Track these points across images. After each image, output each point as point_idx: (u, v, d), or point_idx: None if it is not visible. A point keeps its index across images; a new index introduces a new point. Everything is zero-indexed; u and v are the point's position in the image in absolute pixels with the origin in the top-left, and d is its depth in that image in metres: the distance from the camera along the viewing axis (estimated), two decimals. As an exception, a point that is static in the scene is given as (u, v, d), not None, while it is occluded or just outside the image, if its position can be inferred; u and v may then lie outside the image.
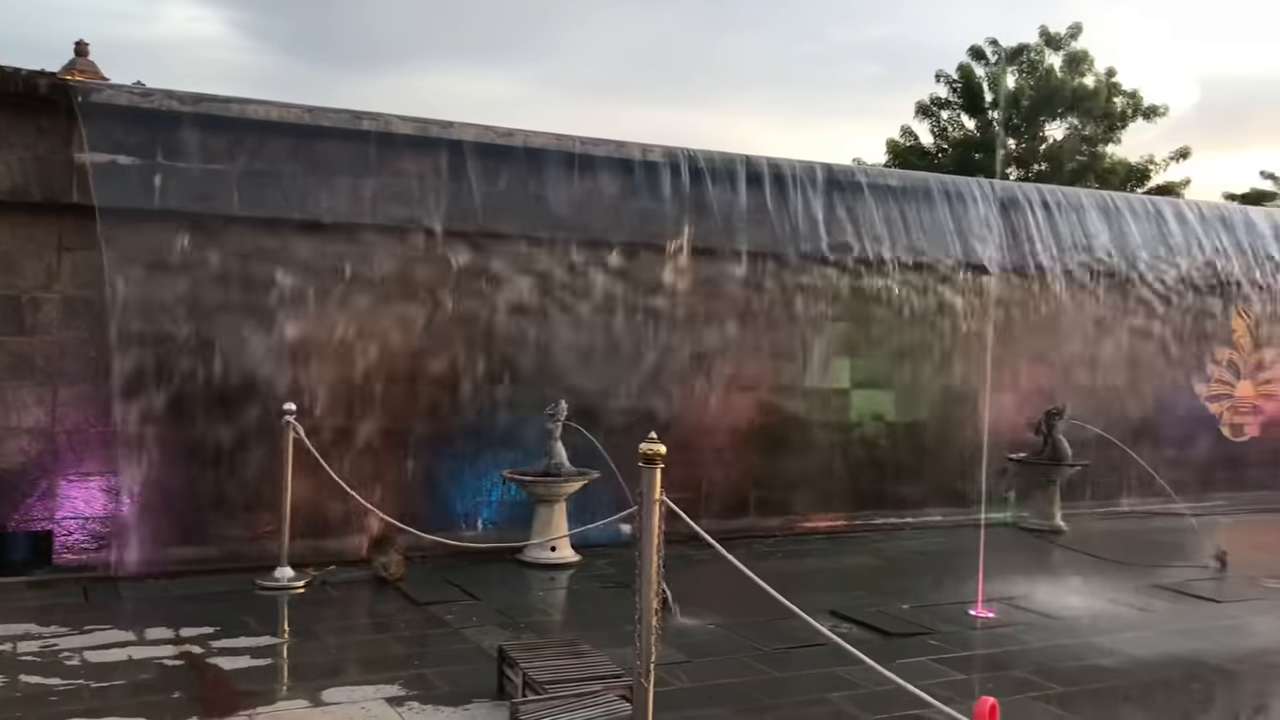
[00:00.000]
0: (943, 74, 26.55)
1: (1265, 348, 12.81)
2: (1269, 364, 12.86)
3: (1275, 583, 8.33)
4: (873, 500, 10.46)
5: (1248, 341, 12.70)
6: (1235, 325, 12.62)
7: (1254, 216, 13.32)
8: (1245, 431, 12.76)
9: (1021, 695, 5.54)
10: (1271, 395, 12.91)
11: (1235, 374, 12.63)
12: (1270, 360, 12.86)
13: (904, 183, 11.06)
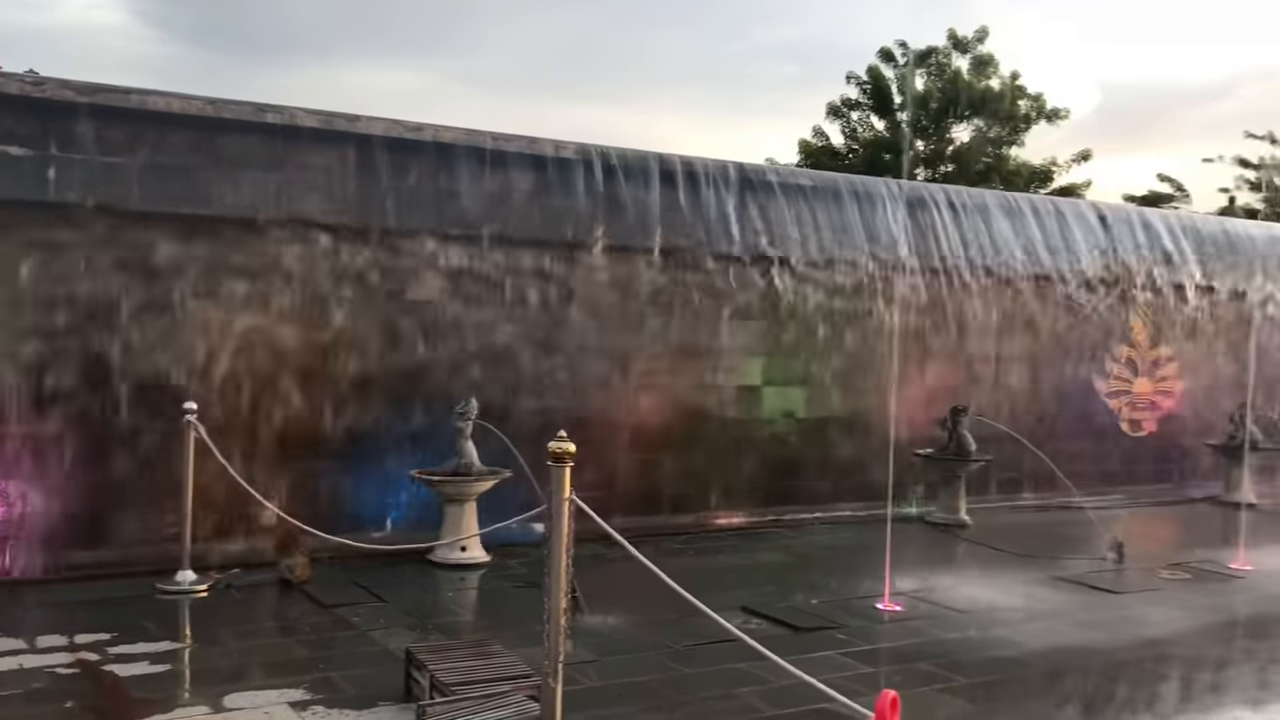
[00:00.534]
0: (853, 75, 26.91)
1: (1162, 346, 13.21)
2: (1165, 361, 13.26)
3: (1169, 573, 8.61)
4: (784, 496, 10.56)
5: (1146, 340, 13.09)
6: (1134, 324, 13.00)
7: (1151, 218, 13.74)
8: (1143, 427, 13.15)
9: (927, 688, 5.63)
10: (1168, 392, 13.31)
11: (1134, 371, 13.01)
12: (1167, 358, 13.27)
13: (814, 182, 11.20)
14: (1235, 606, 7.80)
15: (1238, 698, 5.82)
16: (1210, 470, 13.01)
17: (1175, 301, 13.29)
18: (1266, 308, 13.87)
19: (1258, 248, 14.18)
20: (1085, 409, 12.59)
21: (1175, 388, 13.35)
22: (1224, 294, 13.61)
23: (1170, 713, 5.54)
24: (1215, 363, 13.42)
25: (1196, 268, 13.44)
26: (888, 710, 3.08)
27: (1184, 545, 9.83)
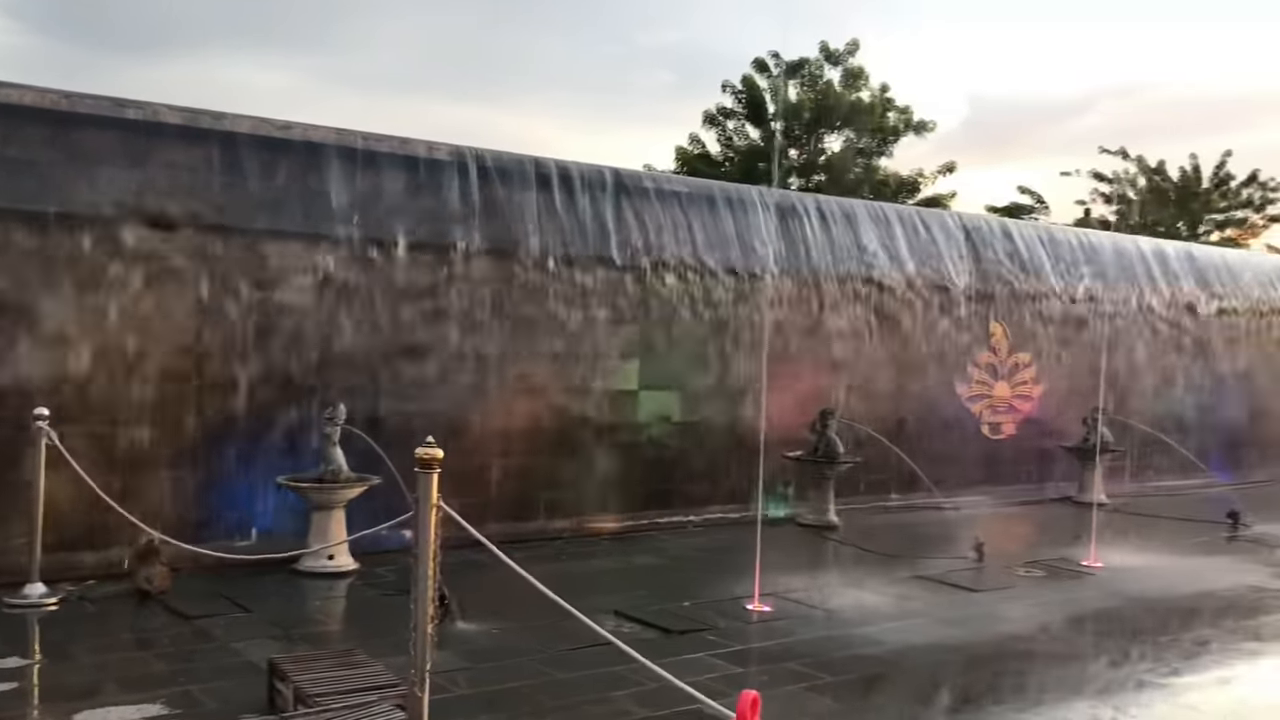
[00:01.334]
0: (728, 84, 27.29)
1: (1020, 351, 13.72)
2: (1023, 366, 13.78)
3: (1026, 571, 8.95)
4: (660, 500, 10.64)
5: (1005, 345, 13.58)
6: (994, 330, 13.47)
7: (1011, 228, 14.29)
8: (1002, 430, 13.63)
9: (794, 686, 5.74)
10: (1026, 396, 13.83)
11: (993, 375, 13.48)
12: (1024, 363, 13.78)
13: (689, 189, 11.33)
14: (1086, 602, 8.15)
15: (1089, 690, 6.08)
16: (1066, 471, 13.56)
17: (1033, 308, 13.81)
18: (1116, 315, 14.54)
19: (1109, 258, 14.85)
20: (948, 412, 12.99)
21: (1033, 392, 13.87)
22: (1078, 301, 14.22)
23: (1027, 706, 5.74)
24: (1070, 367, 13.99)
25: (1053, 276, 14.00)
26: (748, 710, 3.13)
27: (1040, 544, 10.23)
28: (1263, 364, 16.52)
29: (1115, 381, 14.08)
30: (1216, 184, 32.31)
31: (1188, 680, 6.25)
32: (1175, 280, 15.55)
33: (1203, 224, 32.31)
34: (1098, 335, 13.93)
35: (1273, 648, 7.03)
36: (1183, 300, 15.57)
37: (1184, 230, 31.13)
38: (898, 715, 5.55)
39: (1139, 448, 13.90)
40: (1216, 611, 7.93)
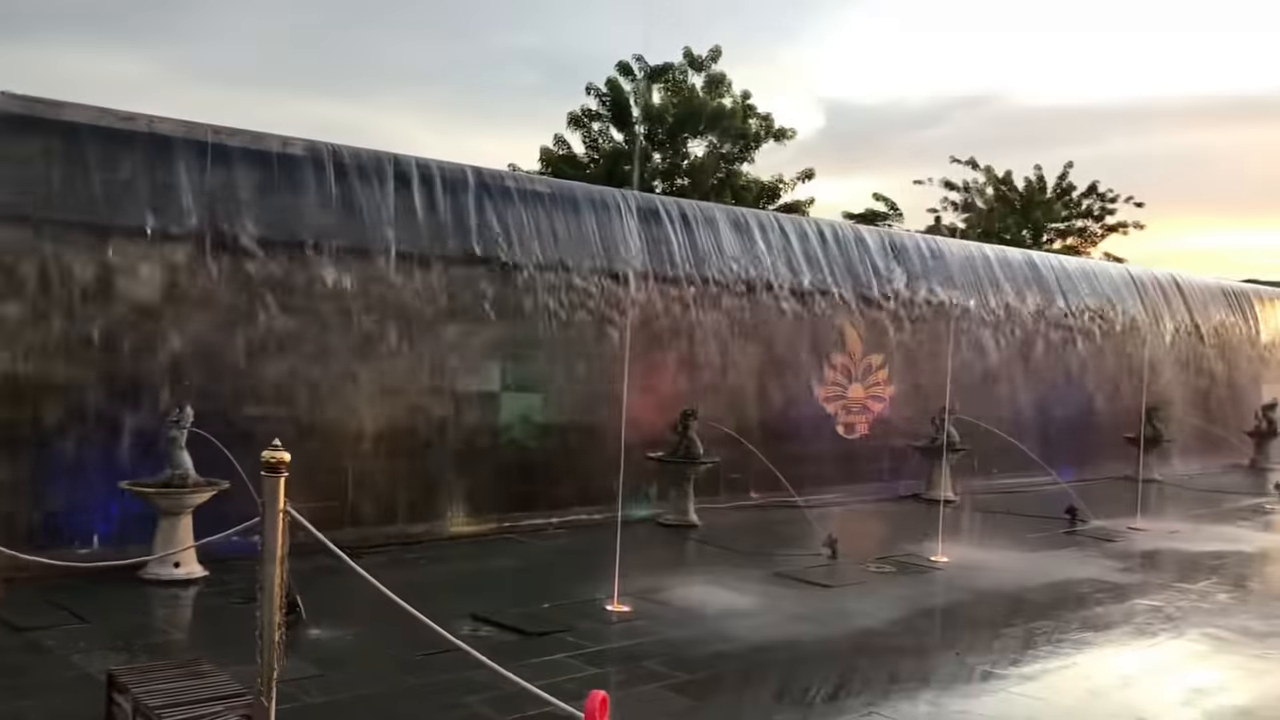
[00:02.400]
0: (593, 86, 27.32)
1: (873, 353, 14.11)
2: (876, 368, 14.18)
3: (876, 567, 9.21)
4: (522, 502, 10.58)
5: (859, 347, 13.95)
6: (848, 332, 13.83)
7: (865, 234, 14.70)
8: (857, 430, 14.00)
9: (652, 685, 5.79)
10: (879, 396, 14.24)
11: (848, 377, 13.84)
12: (877, 365, 14.19)
13: (552, 190, 11.32)
14: (934, 596, 8.45)
15: (936, 681, 6.29)
16: (917, 469, 13.99)
17: (886, 311, 14.23)
18: (963, 318, 15.09)
19: (957, 264, 15.41)
20: (805, 413, 13.28)
21: (885, 392, 14.29)
22: (928, 305, 14.70)
23: (878, 698, 5.90)
24: (920, 369, 14.44)
25: (904, 281, 14.45)
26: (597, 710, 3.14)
27: (890, 540, 10.53)
28: (1098, 367, 17.36)
29: (962, 382, 14.61)
30: (1059, 194, 33.81)
31: (1028, 670, 6.52)
32: (1019, 286, 16.23)
33: (1046, 232, 33.77)
34: (945, 338, 14.41)
35: (1106, 637, 7.39)
36: (1026, 305, 16.26)
37: (1028, 238, 32.48)
38: (754, 711, 5.65)
39: (985, 446, 14.41)
40: (1055, 603, 8.29)
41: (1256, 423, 19.16)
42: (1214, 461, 18.29)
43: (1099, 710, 5.84)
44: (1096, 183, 33.65)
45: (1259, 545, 11.37)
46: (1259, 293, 22.27)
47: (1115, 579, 9.24)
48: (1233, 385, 20.35)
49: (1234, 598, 8.77)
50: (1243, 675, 6.58)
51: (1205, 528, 12.17)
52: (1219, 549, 10.81)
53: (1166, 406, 17.20)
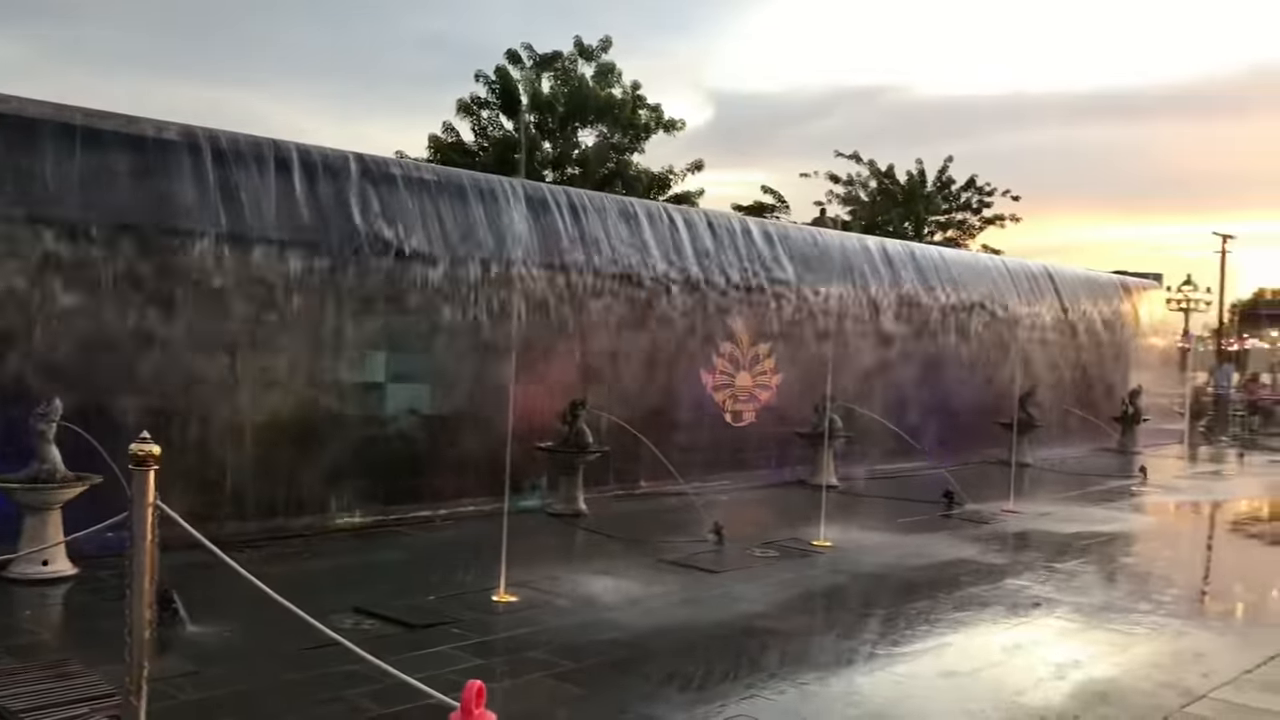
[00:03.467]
0: (482, 74, 27.13)
1: (761, 343, 14.31)
2: (764, 357, 14.38)
3: (761, 552, 9.36)
4: (408, 494, 10.47)
5: (747, 336, 14.13)
6: (736, 321, 13.99)
7: (753, 225, 14.88)
8: (744, 418, 14.19)
9: (538, 674, 5.80)
10: (766, 385, 14.45)
11: (736, 366, 14.01)
12: (764, 353, 14.39)
13: (439, 177, 11.20)
14: (816, 580, 8.62)
15: (819, 663, 6.43)
16: (802, 456, 14.24)
17: (772, 301, 14.44)
18: (846, 308, 15.40)
19: (841, 255, 15.71)
20: (694, 401, 13.41)
21: (772, 381, 14.51)
22: (813, 295, 14.96)
23: (761, 680, 6.01)
24: (806, 357, 14.68)
25: (791, 271, 14.68)
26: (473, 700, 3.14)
27: (775, 526, 10.69)
28: (975, 355, 17.90)
29: (846, 371, 14.92)
30: (939, 187, 34.77)
31: (905, 649, 6.71)
32: (900, 277, 16.62)
33: (927, 225, 34.69)
34: (829, 327, 14.71)
35: (979, 615, 7.65)
36: (906, 295, 16.66)
37: (910, 230, 33.33)
38: (639, 696, 5.69)
39: (867, 433, 14.74)
40: (931, 583, 8.55)
41: (1123, 408, 19.98)
42: (1084, 446, 19.03)
43: (972, 686, 6.04)
44: (975, 177, 34.75)
45: (1124, 526, 11.88)
46: (1127, 284, 23.20)
47: (989, 560, 9.56)
48: (1102, 373, 21.20)
49: (1100, 576, 9.15)
50: (1107, 649, 6.87)
51: (1074, 509, 12.67)
52: (1087, 530, 11.26)
53: (1039, 393, 17.84)
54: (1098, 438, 19.41)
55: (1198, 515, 13.82)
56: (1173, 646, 6.84)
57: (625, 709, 5.48)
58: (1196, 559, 10.87)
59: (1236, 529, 12.90)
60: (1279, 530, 12.44)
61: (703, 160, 28.50)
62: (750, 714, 5.45)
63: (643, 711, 5.43)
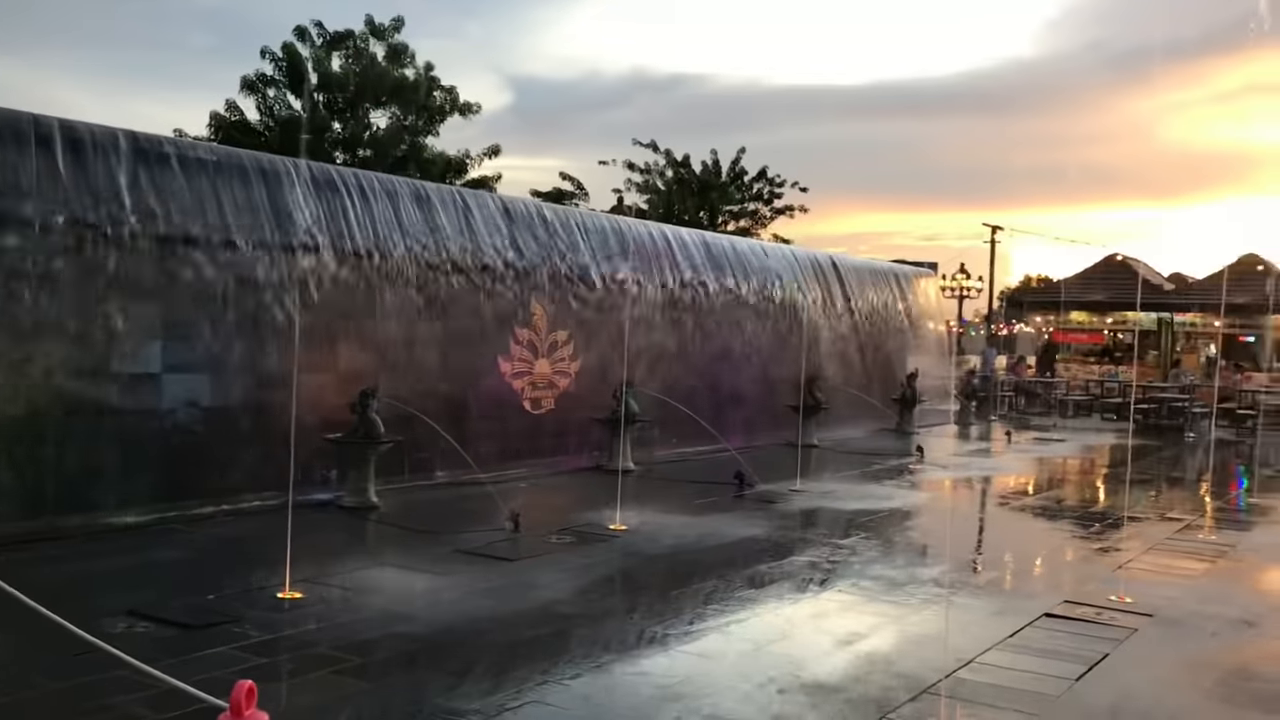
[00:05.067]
0: (268, 51, 26.04)
1: (559, 329, 14.32)
2: (562, 344, 14.40)
3: (558, 538, 9.38)
4: (189, 490, 9.96)
5: (544, 323, 14.11)
6: (534, 308, 13.95)
7: (550, 213, 14.86)
8: (543, 405, 14.17)
9: (323, 670, 5.63)
10: (565, 372, 14.47)
11: (534, 353, 13.97)
12: (563, 340, 14.41)
13: (218, 157, 10.68)
14: (612, 563, 8.71)
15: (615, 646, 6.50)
16: (600, 442, 14.34)
17: (571, 288, 14.47)
18: (643, 294, 15.60)
19: (638, 242, 15.89)
20: (492, 389, 13.30)
21: (571, 368, 14.55)
22: (610, 281, 15.07)
23: (553, 665, 6.01)
24: (604, 344, 14.79)
25: (589, 258, 14.74)
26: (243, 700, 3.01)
27: (572, 511, 10.71)
28: (767, 341, 18.45)
29: (644, 357, 15.12)
30: (733, 178, 35.61)
31: (697, 628, 6.87)
32: (695, 265, 16.95)
33: (721, 214, 35.50)
34: (626, 313, 14.85)
35: (767, 592, 7.90)
36: (701, 283, 17.01)
37: (705, 219, 34.04)
38: (430, 688, 5.60)
39: (665, 417, 14.97)
40: (722, 563, 8.77)
41: (902, 390, 21.01)
42: (866, 427, 19.91)
43: (760, 662, 6.23)
44: (766, 168, 35.73)
45: (902, 503, 12.50)
46: (906, 272, 24.40)
47: (777, 538, 9.88)
48: (883, 357, 22.23)
49: (879, 551, 9.60)
50: (886, 620, 7.21)
51: (856, 488, 13.24)
52: (868, 507, 11.79)
53: (825, 377, 18.56)
54: (879, 419, 20.34)
55: (969, 490, 14.69)
56: (944, 616, 7.23)
57: (416, 702, 5.39)
58: (968, 532, 11.54)
59: (1004, 503, 13.78)
60: (1042, 504, 13.34)
61: (500, 145, 28.29)
62: (546, 700, 5.47)
63: (435, 703, 5.35)
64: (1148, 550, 9.90)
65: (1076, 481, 16.00)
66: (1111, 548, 10.09)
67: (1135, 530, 10.89)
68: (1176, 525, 11.42)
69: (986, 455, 18.64)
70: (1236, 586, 8.64)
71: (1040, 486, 15.00)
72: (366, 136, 26.74)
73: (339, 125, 26.68)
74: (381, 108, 27.01)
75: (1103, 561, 9.52)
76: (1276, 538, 11.07)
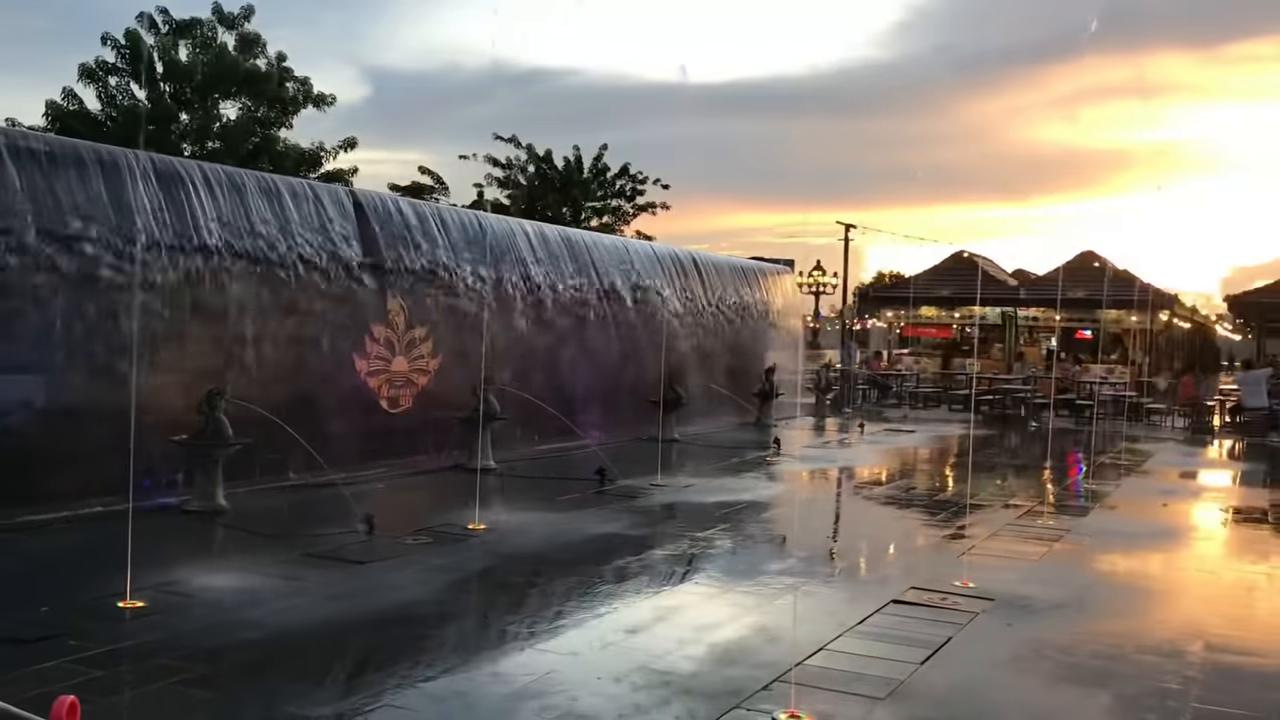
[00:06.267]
0: (110, 38, 24.94)
1: (417, 326, 14.10)
2: (420, 341, 14.19)
3: (414, 539, 9.23)
4: (21, 497, 9.45)
5: (402, 320, 13.88)
6: (391, 305, 13.71)
7: (405, 206, 14.61)
8: (401, 403, 13.94)
9: (166, 682, 5.44)
10: (423, 370, 14.26)
11: (391, 350, 13.73)
12: (422, 337, 14.20)
13: (52, 148, 10.18)
14: (470, 564, 8.63)
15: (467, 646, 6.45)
16: (460, 440, 14.17)
17: (430, 284, 14.25)
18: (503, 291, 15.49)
19: (502, 239, 15.78)
20: (347, 388, 13.00)
21: (430, 365, 14.35)
22: (472, 278, 14.90)
23: (406, 669, 5.93)
24: (464, 340, 14.60)
25: (448, 254, 14.56)
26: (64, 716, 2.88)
27: (430, 511, 10.56)
28: (629, 337, 18.54)
29: (505, 353, 15.03)
30: (595, 174, 35.67)
31: (555, 626, 6.86)
32: (555, 260, 16.92)
33: (584, 210, 35.52)
34: (487, 310, 14.73)
35: (625, 587, 7.96)
36: (563, 279, 16.99)
37: (568, 215, 34.01)
38: (277, 696, 5.45)
39: (527, 415, 14.89)
40: (583, 560, 8.79)
41: (760, 385, 21.39)
42: (726, 420, 20.22)
43: (619, 656, 6.26)
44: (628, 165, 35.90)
45: (760, 494, 12.73)
46: (764, 268, 24.84)
47: (636, 533, 9.95)
48: (742, 351, 22.58)
49: (737, 543, 9.77)
50: (743, 611, 7.34)
51: (716, 481, 13.42)
52: (726, 499, 11.96)
53: (686, 372, 18.76)
54: (738, 413, 20.68)
55: (824, 481, 15.06)
56: (799, 604, 7.39)
57: (266, 711, 5.25)
58: (822, 522, 11.83)
59: (857, 492, 14.17)
60: (892, 493, 13.76)
61: (356, 138, 27.72)
62: (400, 704, 5.38)
63: (285, 711, 5.22)
64: (991, 536, 10.31)
65: (926, 471, 16.57)
66: (957, 534, 10.47)
67: (980, 517, 11.33)
68: (1018, 511, 11.93)
69: (841, 446, 19.14)
70: (1070, 569, 9.06)
71: (891, 476, 15.47)
72: (216, 128, 25.86)
73: (186, 116, 25.74)
74: (232, 99, 26.17)
75: (949, 548, 9.88)
76: (1110, 522, 11.65)
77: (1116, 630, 7.21)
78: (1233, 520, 12.27)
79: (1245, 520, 12.25)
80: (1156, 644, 6.90)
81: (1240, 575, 9.37)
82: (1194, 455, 19.74)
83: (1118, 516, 12.06)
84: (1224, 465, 18.91)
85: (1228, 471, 18.07)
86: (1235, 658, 6.72)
